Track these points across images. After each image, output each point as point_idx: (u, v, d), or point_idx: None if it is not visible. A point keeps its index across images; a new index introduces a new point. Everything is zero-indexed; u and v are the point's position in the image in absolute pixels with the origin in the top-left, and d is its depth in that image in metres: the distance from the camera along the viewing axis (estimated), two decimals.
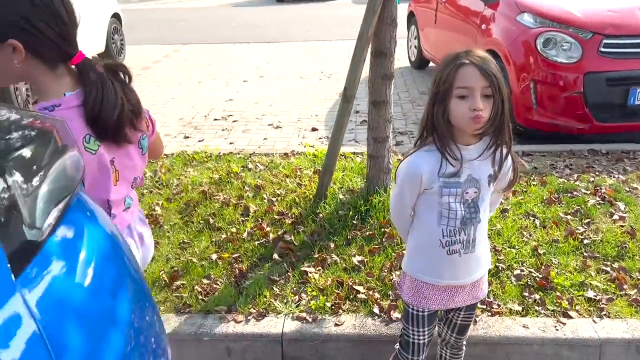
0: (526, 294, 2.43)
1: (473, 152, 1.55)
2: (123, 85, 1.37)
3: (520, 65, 4.37)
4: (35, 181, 0.90)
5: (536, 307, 2.35)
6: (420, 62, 7.27)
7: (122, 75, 1.39)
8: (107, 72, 1.35)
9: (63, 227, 0.94)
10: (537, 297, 2.40)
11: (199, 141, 4.88)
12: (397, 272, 2.55)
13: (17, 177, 0.85)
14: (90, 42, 7.19)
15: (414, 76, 7.10)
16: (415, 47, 7.34)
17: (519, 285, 2.49)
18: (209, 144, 4.76)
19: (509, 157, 1.60)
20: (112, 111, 1.30)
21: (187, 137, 5.01)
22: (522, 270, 2.57)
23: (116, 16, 8.23)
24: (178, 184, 3.59)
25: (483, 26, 5.02)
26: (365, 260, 2.67)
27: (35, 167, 0.93)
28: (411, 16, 7.51)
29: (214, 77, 7.38)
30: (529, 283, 2.49)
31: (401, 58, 7.23)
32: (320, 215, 3.05)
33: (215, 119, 5.53)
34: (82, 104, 1.29)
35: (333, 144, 3.09)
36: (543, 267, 2.59)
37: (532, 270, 2.58)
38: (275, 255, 2.74)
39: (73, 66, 1.34)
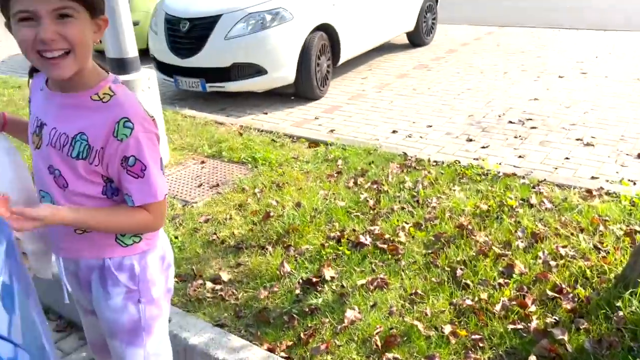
0: None
1: None
2: None
3: None
4: None
5: None
6: None
7: None
8: None
9: None
10: None
11: (482, 147, 4.10)
12: None
13: None
14: (399, 20, 6.94)
15: None
16: None
17: None
18: (493, 153, 3.95)
19: None
20: None
21: (470, 140, 4.27)
22: None
23: None
24: (435, 207, 2.94)
25: None
26: None
27: None
28: None
29: (524, 68, 6.32)
30: None
31: None
32: (621, 313, 2.01)
33: (510, 122, 4.63)
34: None
35: None
36: None
37: None
38: (532, 358, 1.88)
39: None
